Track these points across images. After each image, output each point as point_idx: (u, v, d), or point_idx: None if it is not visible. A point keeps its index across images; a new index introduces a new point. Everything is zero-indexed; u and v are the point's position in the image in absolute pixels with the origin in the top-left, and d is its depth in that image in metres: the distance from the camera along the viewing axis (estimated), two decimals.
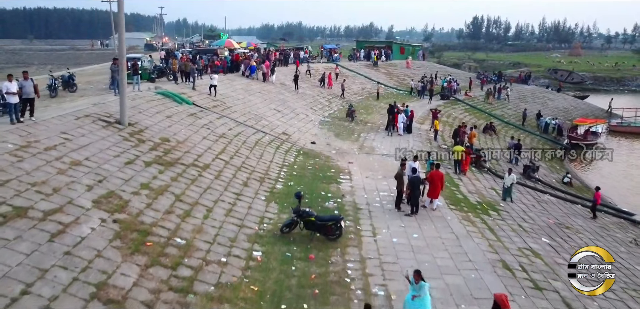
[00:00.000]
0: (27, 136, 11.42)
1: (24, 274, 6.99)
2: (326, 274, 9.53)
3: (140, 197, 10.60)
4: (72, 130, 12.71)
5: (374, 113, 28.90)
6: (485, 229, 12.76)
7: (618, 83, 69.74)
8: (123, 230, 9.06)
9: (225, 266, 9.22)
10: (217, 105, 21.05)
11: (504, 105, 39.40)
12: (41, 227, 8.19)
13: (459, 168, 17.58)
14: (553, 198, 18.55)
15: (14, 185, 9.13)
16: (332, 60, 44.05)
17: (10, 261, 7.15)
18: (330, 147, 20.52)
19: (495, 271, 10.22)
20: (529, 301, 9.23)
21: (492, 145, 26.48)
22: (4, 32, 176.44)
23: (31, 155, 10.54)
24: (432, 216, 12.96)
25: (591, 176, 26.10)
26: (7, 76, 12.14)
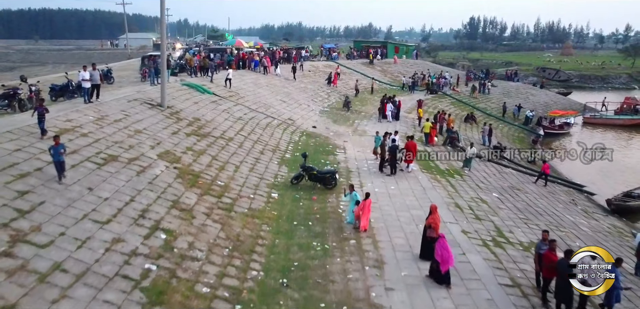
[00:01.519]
0: (99, 112, 15.16)
1: (129, 192, 10.76)
2: (324, 208, 13.28)
3: (187, 155, 14.36)
4: (128, 109, 16.46)
5: (368, 105, 32.63)
6: (447, 185, 16.55)
7: (602, 80, 73.52)
8: (181, 174, 12.83)
9: (253, 200, 13.00)
10: (232, 95, 24.75)
11: (488, 99, 43.23)
12: (129, 168, 11.95)
13: (427, 140, 21.52)
14: (514, 170, 22.30)
15: (103, 142, 12.88)
16: (331, 59, 47.86)
17: (117, 184, 10.90)
18: (329, 130, 24.25)
19: (449, 208, 14.00)
20: (470, 225, 13.00)
21: (470, 132, 30.32)
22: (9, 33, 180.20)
23: (106, 124, 14.29)
24: (407, 177, 16.72)
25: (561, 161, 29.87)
26: (82, 67, 15.90)
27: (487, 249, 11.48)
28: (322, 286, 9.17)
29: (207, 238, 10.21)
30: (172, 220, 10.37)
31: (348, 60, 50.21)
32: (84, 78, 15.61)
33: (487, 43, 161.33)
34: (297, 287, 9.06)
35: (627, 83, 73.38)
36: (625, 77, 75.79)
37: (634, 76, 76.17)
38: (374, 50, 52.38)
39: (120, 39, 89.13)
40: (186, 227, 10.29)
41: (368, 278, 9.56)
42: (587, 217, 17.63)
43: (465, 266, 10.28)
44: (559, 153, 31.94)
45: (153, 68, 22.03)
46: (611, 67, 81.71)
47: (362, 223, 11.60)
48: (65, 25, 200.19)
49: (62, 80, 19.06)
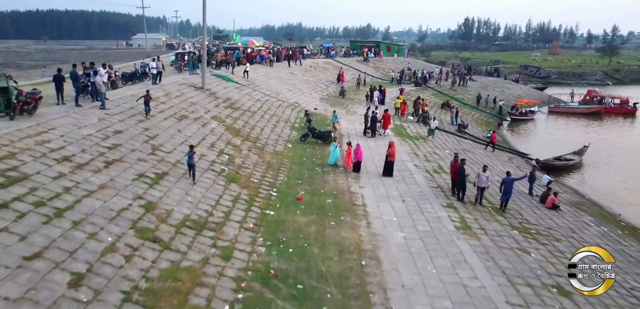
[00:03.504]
0: (164, 90, 21.47)
1: (200, 134, 17.11)
2: (323, 153, 19.62)
3: (228, 119, 20.72)
4: (181, 90, 22.77)
5: (360, 94, 38.93)
6: (412, 144, 22.91)
7: (579, 77, 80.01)
8: (227, 128, 19.19)
9: (275, 146, 19.38)
10: (250, 84, 31.06)
11: (466, 91, 49.66)
12: (195, 123, 18.29)
13: (399, 113, 28.08)
14: (470, 141, 28.66)
15: (175, 108, 19.20)
16: (330, 57, 54.26)
17: (192, 130, 17.24)
18: (327, 111, 30.54)
19: (408, 154, 20.38)
20: (420, 163, 19.35)
21: (445, 116, 36.67)
22: (18, 33, 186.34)
23: (172, 98, 20.60)
24: (383, 138, 23.05)
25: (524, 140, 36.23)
26: (152, 59, 22.24)
27: (428, 173, 17.89)
28: (322, 184, 15.54)
29: (251, 160, 16.60)
30: (229, 150, 16.75)
31: (345, 58, 56.61)
32: (152, 67, 21.96)
33: (480, 43, 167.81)
34: (306, 184, 15.44)
35: (602, 79, 79.84)
36: (601, 74, 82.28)
37: (609, 73, 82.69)
38: (368, 49, 58.80)
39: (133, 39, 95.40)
40: (238, 154, 16.67)
41: (349, 181, 15.95)
42: (517, 169, 23.98)
43: (410, 178, 16.69)
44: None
45: (191, 62, 28.35)
46: (589, 65, 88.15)
47: (346, 162, 17.90)
48: (72, 26, 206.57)
49: (131, 69, 25.38)
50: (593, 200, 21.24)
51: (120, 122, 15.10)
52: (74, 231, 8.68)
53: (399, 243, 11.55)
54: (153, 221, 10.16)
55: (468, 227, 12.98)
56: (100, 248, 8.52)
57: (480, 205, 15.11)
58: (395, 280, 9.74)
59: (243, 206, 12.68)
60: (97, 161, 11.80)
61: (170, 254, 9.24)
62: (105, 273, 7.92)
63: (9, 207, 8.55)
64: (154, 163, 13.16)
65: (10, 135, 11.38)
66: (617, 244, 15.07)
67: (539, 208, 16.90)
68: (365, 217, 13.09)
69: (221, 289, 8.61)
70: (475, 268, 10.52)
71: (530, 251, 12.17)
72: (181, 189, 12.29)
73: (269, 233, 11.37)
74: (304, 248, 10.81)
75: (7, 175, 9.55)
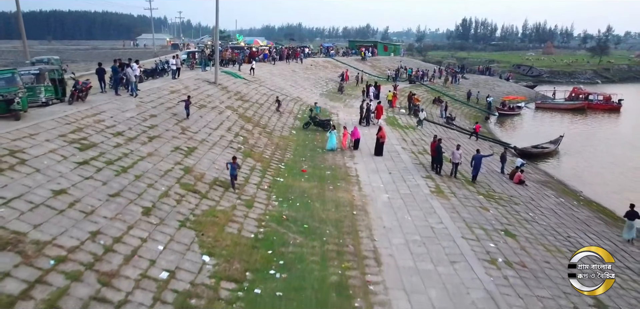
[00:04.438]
0: (183, 84, 24.38)
1: (218, 120, 20.03)
2: (323, 139, 22.51)
3: (240, 109, 23.64)
4: (197, 84, 25.68)
5: (357, 90, 41.91)
6: (402, 133, 25.85)
7: (569, 76, 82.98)
8: (239, 116, 22.13)
9: (282, 132, 22.32)
10: (256, 80, 33.99)
11: (458, 88, 52.63)
12: (213, 111, 21.21)
13: (390, 104, 31.02)
14: (457, 131, 31.59)
15: (195, 99, 22.09)
16: (330, 56, 57.22)
17: (211, 117, 20.16)
18: (327, 105, 33.50)
19: (398, 141, 23.30)
20: (408, 146, 22.29)
21: (436, 110, 39.60)
22: None
23: (190, 90, 23.46)
24: (376, 126, 25.95)
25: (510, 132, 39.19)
26: (173, 56, 25.16)
27: (413, 154, 20.85)
28: (322, 161, 18.49)
29: (262, 142, 19.54)
30: (243, 133, 19.69)
31: (344, 57, 59.57)
32: (172, 63, 24.92)
33: (478, 43, 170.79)
34: (309, 161, 18.39)
35: (591, 78, 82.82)
36: (591, 72, 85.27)
37: (599, 72, 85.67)
38: (366, 49, 61.77)
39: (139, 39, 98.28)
40: (250, 137, 19.61)
41: (345, 159, 18.90)
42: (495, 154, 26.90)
43: (397, 157, 19.64)
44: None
45: (203, 60, 31.31)
46: (580, 64, 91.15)
47: (343, 143, 20.83)
48: (75, 26, 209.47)
49: (151, 65, 28.30)
50: (559, 180, 24.19)
51: (153, 109, 18.04)
52: (137, 182, 11.61)
53: (384, 201, 14.48)
54: (192, 180, 13.09)
55: (441, 192, 15.92)
56: (157, 194, 11.45)
57: (455, 178, 18.03)
58: (379, 224, 12.67)
59: (258, 174, 15.61)
60: (142, 137, 14.74)
61: (207, 201, 12.18)
62: (164, 209, 10.87)
63: (90, 163, 11.49)
64: (185, 140, 16.10)
65: (74, 115, 14.32)
66: (569, 210, 17.99)
67: (506, 183, 19.85)
68: (358, 184, 16.03)
69: (247, 225, 11.55)
70: (442, 217, 13.46)
71: (489, 209, 15.12)
72: (209, 160, 15.23)
73: (280, 193, 14.31)
74: (308, 203, 13.75)
75: (81, 143, 12.48)
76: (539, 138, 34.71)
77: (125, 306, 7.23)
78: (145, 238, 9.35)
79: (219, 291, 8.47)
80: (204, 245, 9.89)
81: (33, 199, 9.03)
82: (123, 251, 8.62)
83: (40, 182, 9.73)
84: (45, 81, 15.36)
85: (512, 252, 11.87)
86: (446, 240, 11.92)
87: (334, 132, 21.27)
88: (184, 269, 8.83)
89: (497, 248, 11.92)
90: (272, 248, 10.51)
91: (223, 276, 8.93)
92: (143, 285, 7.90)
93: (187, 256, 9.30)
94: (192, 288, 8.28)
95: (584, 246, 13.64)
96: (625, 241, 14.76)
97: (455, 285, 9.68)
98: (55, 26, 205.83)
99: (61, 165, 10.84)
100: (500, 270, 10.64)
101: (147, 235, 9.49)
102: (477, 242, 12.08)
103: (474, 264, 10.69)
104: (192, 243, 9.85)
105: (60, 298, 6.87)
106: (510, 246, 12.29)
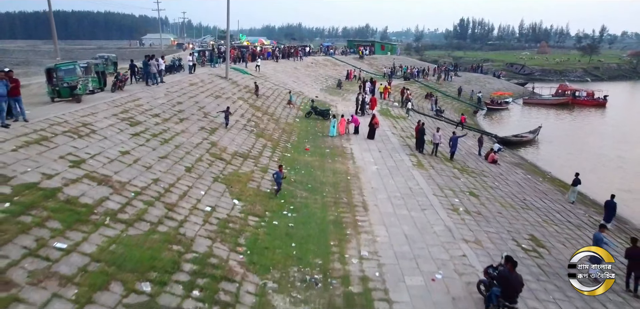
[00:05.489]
0: (199, 78, 27.50)
1: (232, 108, 23.19)
2: (323, 126, 25.68)
3: (249, 100, 26.78)
4: (211, 79, 28.81)
5: (355, 86, 45.03)
6: (394, 121, 29.00)
7: (560, 74, 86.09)
8: (250, 105, 25.27)
9: (287, 120, 25.47)
10: (261, 76, 37.12)
11: (450, 85, 55.81)
12: (227, 101, 24.32)
13: (382, 96, 34.18)
14: (444, 122, 34.75)
15: (209, 90, 25.25)
16: (329, 55, 60.38)
17: (224, 107, 23.30)
18: (326, 98, 36.65)
19: (389, 127, 26.44)
20: (397, 131, 25.43)
21: (428, 104, 42.78)
22: (27, 34, 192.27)
23: (206, 83, 26.64)
24: (370, 115, 29.11)
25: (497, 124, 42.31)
26: (190, 54, 28.29)
27: (401, 138, 24.00)
28: (322, 142, 21.64)
29: (271, 127, 22.69)
30: (254, 119, 22.84)
31: (343, 55, 62.75)
32: (189, 60, 28.08)
33: (475, 43, 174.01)
34: (311, 142, 21.54)
35: (581, 76, 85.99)
36: (581, 71, 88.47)
37: (588, 70, 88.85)
38: (364, 48, 64.97)
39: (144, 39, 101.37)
40: (261, 122, 22.76)
41: (342, 142, 22.06)
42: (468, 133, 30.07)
43: (387, 140, 22.81)
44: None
45: (213, 58, 34.49)
46: (571, 63, 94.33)
47: (340, 129, 23.96)
48: (79, 27, 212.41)
49: (169, 61, 31.39)
50: (532, 163, 27.35)
51: (179, 97, 21.19)
52: (176, 150, 14.75)
53: (373, 171, 17.63)
54: (217, 152, 16.24)
55: (421, 165, 19.08)
56: (193, 159, 14.60)
57: (435, 156, 21.18)
58: (368, 186, 15.81)
59: (269, 150, 18.76)
60: (174, 118, 17.89)
61: (231, 166, 15.33)
62: (201, 169, 14.02)
63: (140, 135, 14.63)
64: (207, 122, 19.25)
65: (119, 100, 17.46)
66: (532, 184, 21.12)
67: (481, 162, 23.01)
68: (352, 159, 19.18)
69: (263, 183, 14.70)
70: (420, 182, 16.61)
71: (460, 178, 18.27)
72: (229, 138, 18.38)
73: (288, 164, 17.44)
74: (311, 171, 16.90)
75: (130, 120, 15.63)
76: (521, 129, 37.93)
77: (185, 223, 10.36)
78: (191, 186, 12.50)
79: (247, 221, 11.61)
80: (233, 194, 13.04)
81: (108, 156, 12.17)
82: (177, 192, 11.77)
83: (109, 145, 12.87)
84: (91, 73, 18.48)
85: (472, 205, 15.03)
86: (420, 196, 15.08)
87: (335, 120, 24.38)
88: (221, 206, 11.97)
89: (460, 202, 15.08)
90: (284, 198, 13.66)
91: (249, 213, 12.08)
92: (195, 213, 11.04)
93: (222, 199, 12.45)
94: (228, 217, 11.43)
95: (534, 204, 16.84)
96: (570, 203, 17.92)
97: (423, 223, 12.84)
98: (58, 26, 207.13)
99: (120, 135, 13.99)
100: (460, 215, 13.80)
101: (192, 184, 12.64)
102: (445, 198, 15.24)
103: (439, 211, 13.85)
104: (224, 191, 13.00)
105: (143, 214, 10.00)
106: (472, 202, 15.45)
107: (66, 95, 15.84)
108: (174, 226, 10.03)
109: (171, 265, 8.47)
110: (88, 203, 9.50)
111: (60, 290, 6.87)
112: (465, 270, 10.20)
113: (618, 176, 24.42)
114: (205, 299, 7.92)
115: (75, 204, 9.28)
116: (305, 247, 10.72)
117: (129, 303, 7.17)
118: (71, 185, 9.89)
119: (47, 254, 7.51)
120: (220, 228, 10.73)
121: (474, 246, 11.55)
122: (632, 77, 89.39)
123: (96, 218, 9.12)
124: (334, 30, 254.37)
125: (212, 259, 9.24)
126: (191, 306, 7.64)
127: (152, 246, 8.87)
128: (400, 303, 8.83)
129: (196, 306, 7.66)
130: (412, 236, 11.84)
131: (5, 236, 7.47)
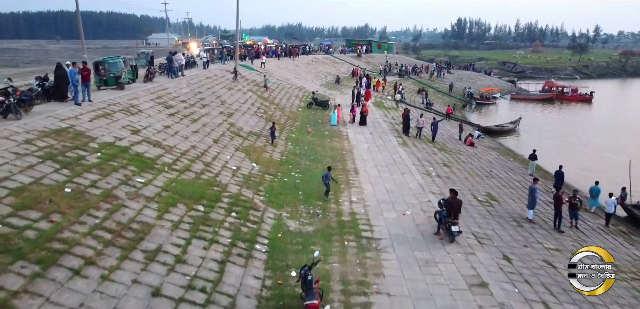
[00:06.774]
0: (212, 72, 30.92)
1: (243, 99, 26.64)
2: (323, 115, 29.15)
3: (258, 92, 30.24)
4: (222, 73, 32.22)
5: (352, 81, 48.53)
6: (385, 111, 32.46)
7: (551, 72, 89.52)
8: (259, 97, 28.74)
9: (291, 109, 28.94)
10: (266, 72, 40.56)
11: (442, 82, 59.31)
12: (238, 93, 27.80)
13: (375, 88, 37.73)
14: (433, 113, 38.21)
15: (222, 83, 28.69)
16: (328, 53, 63.88)
17: (238, 96, 26.75)
18: (326, 93, 40.11)
19: (381, 116, 29.90)
20: (388, 119, 28.91)
21: (419, 98, 46.27)
22: (31, 33, 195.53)
23: (219, 77, 30.07)
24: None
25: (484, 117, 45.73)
26: (205, 51, 31.74)
27: (391, 124, 27.48)
28: (322, 127, 25.10)
29: (278, 114, 26.15)
30: (263, 107, 26.29)
31: (341, 54, 66.24)
32: (203, 56, 31.54)
33: (472, 42, 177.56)
34: (313, 127, 25.01)
35: (571, 74, 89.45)
36: (571, 69, 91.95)
37: (578, 68, 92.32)
38: (361, 47, 68.49)
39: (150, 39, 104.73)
40: (268, 110, 26.22)
41: (339, 127, 25.53)
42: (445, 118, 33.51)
43: (378, 126, 26.28)
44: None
45: (223, 56, 37.98)
46: (561, 62, 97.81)
47: (338, 118, 27.42)
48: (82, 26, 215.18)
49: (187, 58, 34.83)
50: (508, 148, 30.81)
51: (199, 88, 24.65)
52: (203, 128, 18.22)
53: (364, 148, 21.10)
54: (235, 131, 19.71)
55: (406, 144, 22.55)
56: (218, 134, 18.07)
57: (419, 138, 24.64)
58: (359, 158, 19.27)
59: (277, 132, 22.22)
60: (198, 104, 21.36)
61: (247, 141, 18.81)
62: (224, 141, 17.49)
63: (174, 116, 18.10)
64: (225, 108, 22.72)
65: (152, 89, 20.92)
66: (503, 162, 24.57)
67: (459, 144, 26.48)
68: (347, 139, 22.65)
69: (275, 155, 18.17)
70: (402, 155, 20.07)
71: (438, 154, 21.74)
72: (243, 121, 21.85)
73: (293, 142, 20.91)
74: (313, 148, 20.37)
75: (164, 104, 19.09)
76: (504, 120, 41.41)
77: (219, 175, 13.82)
78: (219, 152, 15.97)
79: (264, 177, 15.08)
80: (252, 160, 16.52)
81: (155, 128, 15.64)
82: (210, 156, 15.24)
83: (154, 121, 16.34)
84: (127, 66, 21.92)
85: (443, 172, 18.51)
86: (401, 165, 18.55)
87: (335, 111, 27.83)
88: (243, 167, 15.45)
89: (434, 170, 18.56)
90: (291, 165, 17.14)
91: (265, 172, 15.55)
92: (225, 170, 14.50)
93: (243, 163, 15.92)
94: (249, 175, 14.90)
95: (498, 175, 20.32)
96: (529, 175, 21.40)
97: (401, 182, 16.30)
98: (62, 26, 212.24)
99: (159, 115, 17.46)
100: (431, 178, 17.28)
101: (219, 151, 16.11)
102: (422, 166, 18.73)
103: (415, 174, 17.33)
104: (244, 158, 16.47)
105: (189, 166, 13.46)
106: (444, 170, 18.94)
107: (111, 83, 19.29)
108: (212, 176, 13.50)
109: (214, 198, 11.94)
110: (151, 157, 12.97)
111: (148, 203, 10.33)
112: (428, 209, 13.68)
113: (579, 158, 27.93)
114: (240, 217, 11.39)
115: (142, 157, 12.74)
116: (309, 194, 14.20)
117: (192, 215, 10.63)
118: (136, 145, 13.36)
119: (134, 183, 10.98)
120: (245, 180, 14.20)
121: (438, 196, 15.01)
122: (620, 75, 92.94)
123: (158, 166, 12.59)
124: (333, 29, 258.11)
125: (241, 197, 12.71)
126: (232, 219, 11.11)
127: (199, 186, 12.35)
128: (378, 226, 12.30)
129: (235, 221, 11.13)
130: (391, 190, 15.32)
131: (105, 171, 10.94)
